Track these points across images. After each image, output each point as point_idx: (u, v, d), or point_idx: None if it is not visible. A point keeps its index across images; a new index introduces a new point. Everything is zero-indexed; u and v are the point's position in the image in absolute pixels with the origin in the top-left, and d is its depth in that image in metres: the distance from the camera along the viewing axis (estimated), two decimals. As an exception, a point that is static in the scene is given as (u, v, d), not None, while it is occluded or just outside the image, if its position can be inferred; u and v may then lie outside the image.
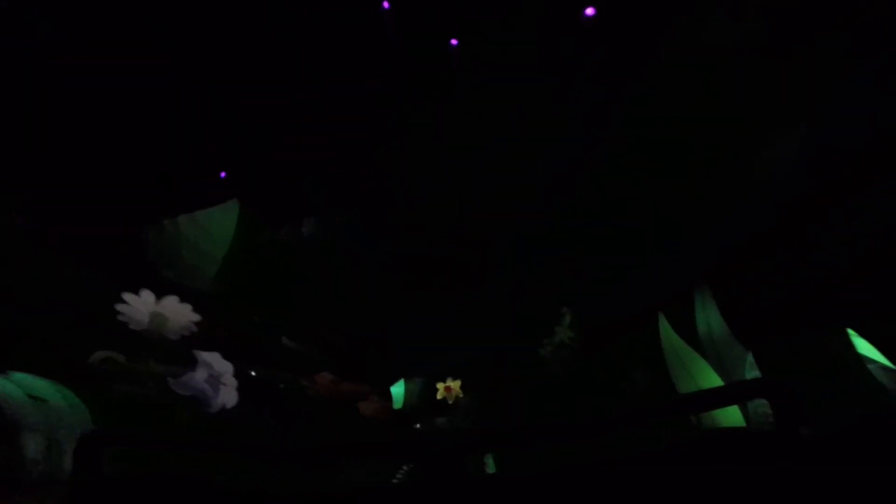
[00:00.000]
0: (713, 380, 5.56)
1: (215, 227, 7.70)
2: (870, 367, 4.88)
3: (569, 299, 7.37)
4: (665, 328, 6.32)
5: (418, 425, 7.24)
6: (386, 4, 7.84)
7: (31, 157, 6.86)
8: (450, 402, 6.89)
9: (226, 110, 8.00)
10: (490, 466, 4.95)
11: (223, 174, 8.62)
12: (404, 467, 4.98)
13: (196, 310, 5.88)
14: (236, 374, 5.67)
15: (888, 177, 5.89)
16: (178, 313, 5.75)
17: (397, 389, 7.66)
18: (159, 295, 5.74)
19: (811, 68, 6.37)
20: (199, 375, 5.34)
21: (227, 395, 5.55)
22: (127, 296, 5.60)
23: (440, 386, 7.00)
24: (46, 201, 6.65)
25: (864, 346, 5.10)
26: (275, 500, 3.48)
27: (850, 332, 5.16)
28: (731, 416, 4.84)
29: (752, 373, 5.33)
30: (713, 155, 7.07)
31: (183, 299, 5.86)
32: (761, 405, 4.62)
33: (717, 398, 4.45)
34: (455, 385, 6.98)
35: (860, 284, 5.77)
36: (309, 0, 7.91)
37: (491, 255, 8.68)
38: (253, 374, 6.30)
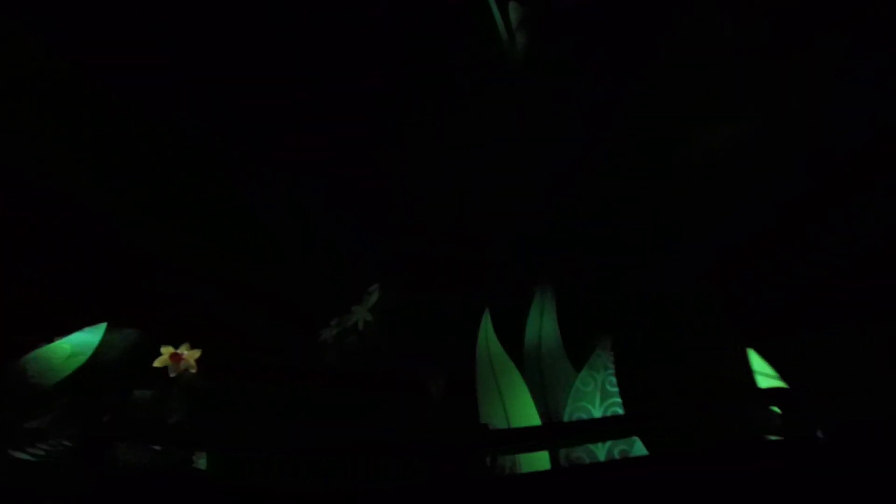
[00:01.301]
0: (522, 400, 4.70)
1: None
2: None
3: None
4: (486, 329, 5.49)
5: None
6: None
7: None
8: (172, 373, 5.28)
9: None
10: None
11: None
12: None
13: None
14: None
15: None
16: None
17: (86, 336, 5.75)
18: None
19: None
20: None
21: None
22: None
23: (165, 350, 5.36)
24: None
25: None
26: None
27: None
28: (539, 458, 4.24)
29: (577, 402, 4.57)
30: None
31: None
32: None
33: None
34: (190, 355, 5.41)
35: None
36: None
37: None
38: None
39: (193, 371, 5.42)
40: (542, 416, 4.66)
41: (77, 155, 7.51)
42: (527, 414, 4.61)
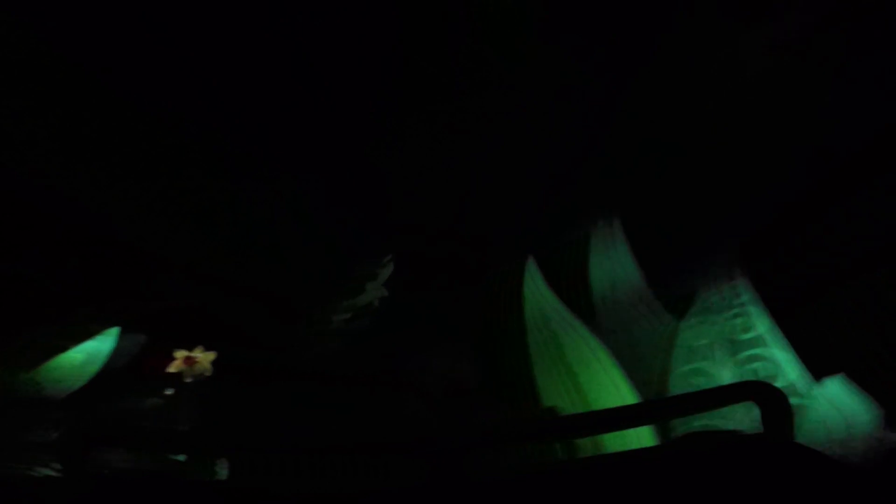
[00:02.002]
0: (603, 370, 3.49)
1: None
2: None
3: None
4: (533, 282, 4.28)
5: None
6: None
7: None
8: (186, 378, 5.07)
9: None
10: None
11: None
12: None
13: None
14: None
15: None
16: None
17: (97, 344, 5.42)
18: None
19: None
20: None
21: None
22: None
23: (179, 354, 5.13)
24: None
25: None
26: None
27: None
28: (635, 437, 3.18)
29: (691, 365, 3.39)
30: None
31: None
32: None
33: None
34: (205, 357, 5.22)
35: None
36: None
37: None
38: None
39: (209, 374, 5.17)
40: (638, 386, 3.44)
41: (76, 155, 7.51)
42: (613, 389, 3.39)
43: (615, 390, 3.43)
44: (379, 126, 8.55)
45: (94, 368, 5.66)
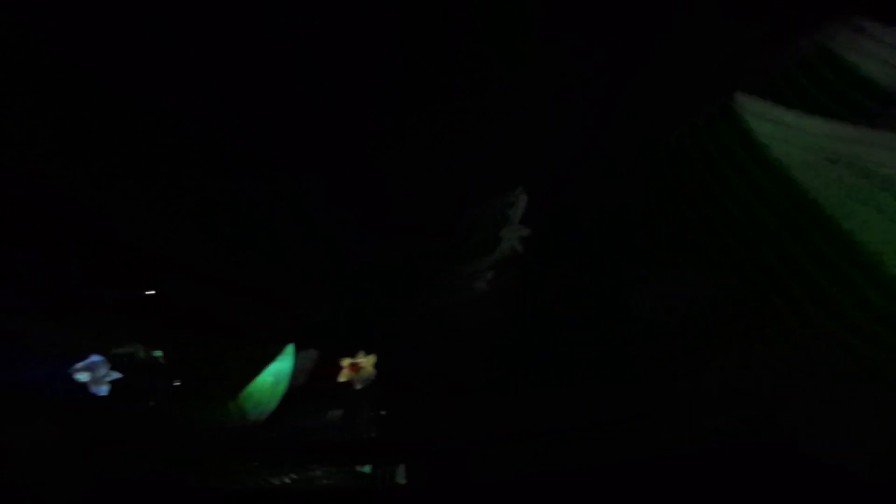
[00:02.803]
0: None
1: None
2: None
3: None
4: (761, 121, 3.10)
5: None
6: None
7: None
8: (357, 385, 5.16)
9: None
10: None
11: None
12: None
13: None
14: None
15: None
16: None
17: (281, 365, 5.79)
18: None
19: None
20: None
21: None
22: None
23: (345, 363, 5.19)
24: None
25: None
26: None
27: None
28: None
29: None
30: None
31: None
32: None
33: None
34: (368, 362, 5.25)
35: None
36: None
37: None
38: None
39: (373, 377, 5.29)
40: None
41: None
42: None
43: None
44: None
45: (282, 388, 5.97)
